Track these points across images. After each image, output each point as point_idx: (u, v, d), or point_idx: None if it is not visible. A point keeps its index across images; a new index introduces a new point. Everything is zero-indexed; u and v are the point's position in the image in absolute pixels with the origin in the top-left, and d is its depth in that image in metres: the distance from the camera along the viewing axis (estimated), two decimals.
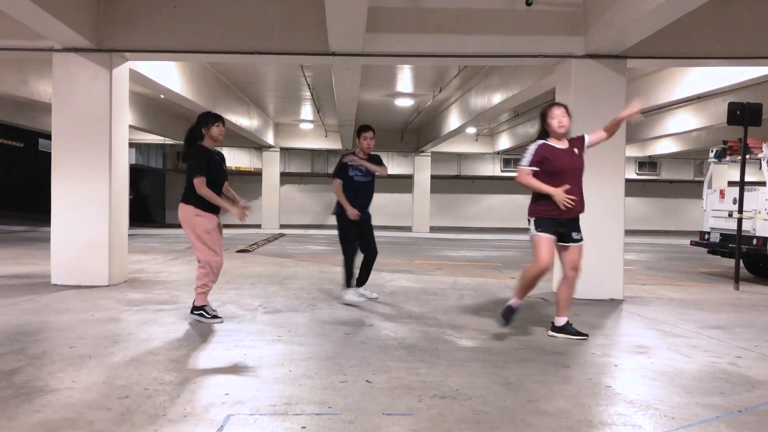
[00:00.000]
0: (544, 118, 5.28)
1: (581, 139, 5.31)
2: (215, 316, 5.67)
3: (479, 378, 4.00)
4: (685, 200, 29.40)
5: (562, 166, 5.09)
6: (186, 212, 5.55)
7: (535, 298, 7.43)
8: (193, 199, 5.51)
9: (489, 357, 4.57)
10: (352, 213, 6.68)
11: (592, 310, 6.73)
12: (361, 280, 7.04)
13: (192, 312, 5.67)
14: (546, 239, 5.08)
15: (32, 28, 7.02)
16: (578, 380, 4.02)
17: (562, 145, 5.20)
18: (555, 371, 4.22)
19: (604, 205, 7.65)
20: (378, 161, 7.11)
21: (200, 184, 5.43)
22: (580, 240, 5.20)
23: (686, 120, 15.72)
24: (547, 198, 5.05)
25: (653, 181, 27.79)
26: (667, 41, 7.54)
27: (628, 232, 8.14)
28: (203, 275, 5.59)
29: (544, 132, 5.27)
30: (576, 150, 5.22)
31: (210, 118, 5.71)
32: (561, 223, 5.10)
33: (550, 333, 5.30)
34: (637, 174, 26.34)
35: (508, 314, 5.26)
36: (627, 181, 7.89)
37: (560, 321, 5.28)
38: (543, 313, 6.51)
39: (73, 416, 3.17)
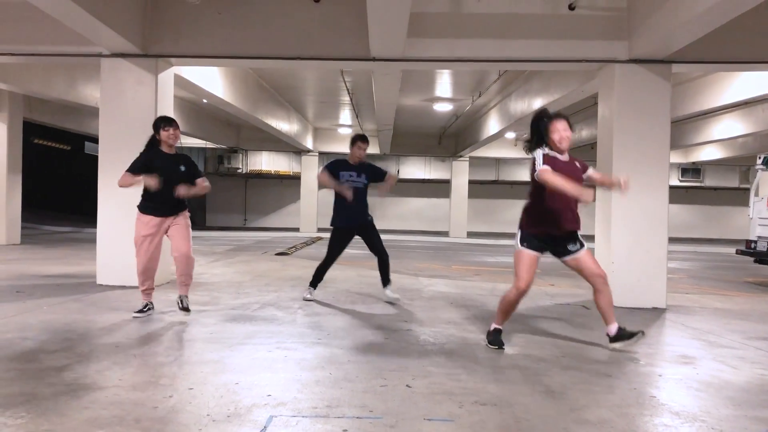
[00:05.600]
0: (545, 130, 4.88)
1: (583, 162, 5.00)
2: (141, 311, 5.95)
3: (520, 385, 3.97)
4: (730, 208, 28.70)
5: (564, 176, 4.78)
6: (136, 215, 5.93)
7: (575, 306, 7.36)
8: (141, 200, 5.91)
9: (530, 364, 4.53)
10: (349, 194, 6.77)
11: (635, 319, 6.61)
12: (384, 282, 7.19)
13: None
14: (529, 256, 4.87)
15: (83, 34, 7.23)
16: (622, 390, 3.96)
17: (564, 157, 4.91)
18: (597, 380, 4.16)
19: (647, 212, 7.53)
20: (378, 172, 7.21)
21: (121, 177, 5.78)
22: (580, 248, 4.92)
23: (732, 126, 15.38)
24: (543, 215, 4.83)
25: (697, 188, 27.22)
26: (713, 46, 7.38)
27: (671, 240, 7.98)
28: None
29: (542, 143, 4.88)
30: (578, 164, 4.93)
31: (160, 123, 5.91)
32: (553, 240, 4.89)
33: (611, 346, 5.03)
34: (680, 181, 25.82)
35: (496, 338, 5.05)
36: (670, 187, 7.75)
37: (612, 329, 5.03)
38: (582, 321, 6.43)
39: (121, 414, 3.24)
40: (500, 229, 28.29)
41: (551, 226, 4.86)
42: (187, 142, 22.13)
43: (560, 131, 4.85)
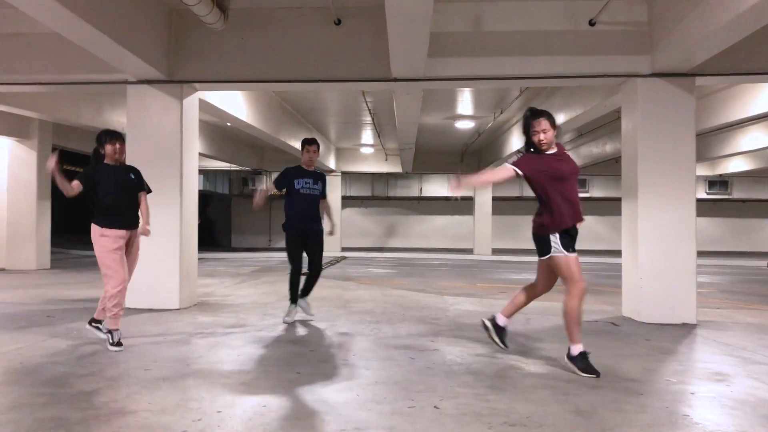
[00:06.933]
0: (526, 128, 4.91)
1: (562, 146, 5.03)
2: (117, 344, 5.47)
3: (549, 405, 3.92)
4: (759, 220, 28.25)
5: (563, 171, 4.82)
6: (92, 232, 5.54)
7: (604, 323, 7.26)
8: (96, 217, 5.53)
9: (558, 383, 4.47)
10: (258, 201, 6.93)
11: (664, 335, 6.51)
12: (305, 292, 7.23)
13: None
14: (576, 258, 4.82)
15: (109, 62, 7.38)
16: (653, 409, 3.89)
17: (552, 150, 4.91)
18: (628, 399, 4.09)
19: (675, 225, 7.44)
20: (323, 180, 7.27)
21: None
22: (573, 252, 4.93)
23: (759, 137, 15.16)
24: (561, 209, 4.77)
25: (725, 200, 26.84)
26: (737, 57, 7.33)
27: (699, 254, 7.85)
28: (107, 299, 5.51)
29: (529, 142, 4.95)
30: (566, 153, 4.98)
31: (104, 136, 5.65)
32: (572, 235, 4.85)
33: (484, 321, 5.40)
34: (708, 193, 25.48)
35: (584, 362, 4.80)
36: (697, 200, 7.65)
37: (502, 320, 5.31)
38: (611, 338, 6.35)
39: None
40: (525, 245, 28.03)
41: (571, 217, 4.82)
42: (212, 164, 22.40)
43: (542, 132, 4.83)
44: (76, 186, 5.44)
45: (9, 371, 4.69)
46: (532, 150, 4.97)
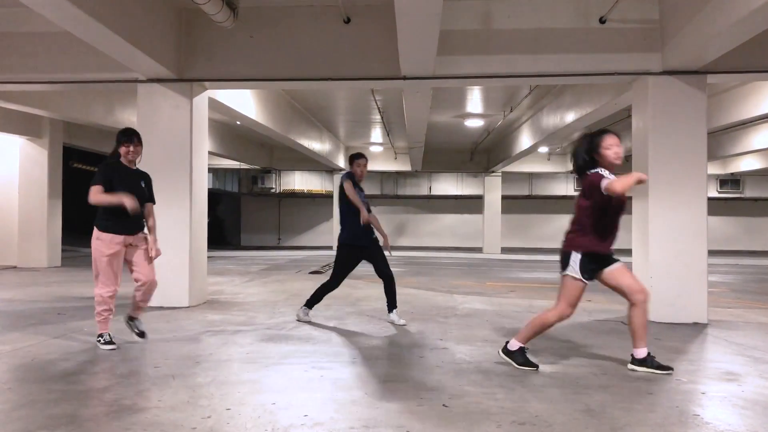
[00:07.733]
0: (595, 147, 4.68)
1: None
2: (108, 342, 5.42)
3: (559, 404, 3.91)
4: None
5: (621, 203, 4.64)
6: (93, 235, 5.43)
7: (614, 322, 7.23)
8: (96, 220, 5.43)
9: (568, 383, 4.46)
10: (365, 216, 6.58)
11: (675, 335, 6.48)
12: (391, 306, 6.98)
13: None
14: (583, 288, 4.71)
15: (120, 62, 7.41)
16: (664, 408, 3.87)
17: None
18: (638, 398, 4.07)
19: (686, 224, 7.39)
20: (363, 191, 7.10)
21: (92, 192, 5.29)
22: (618, 260, 4.84)
23: None
24: (600, 232, 4.66)
25: (736, 199, 26.65)
26: (749, 55, 7.26)
27: (711, 253, 7.80)
28: (96, 303, 5.42)
29: (592, 161, 4.70)
30: None
31: (120, 137, 5.52)
32: (603, 258, 4.76)
33: (630, 366, 4.87)
34: (719, 192, 25.32)
35: (523, 356, 4.88)
36: (708, 199, 7.59)
37: (641, 353, 4.85)
38: (621, 337, 6.31)
39: None
40: (535, 244, 28.03)
41: (609, 245, 4.74)
42: (222, 163, 22.48)
43: (614, 147, 4.66)
44: (100, 191, 5.35)
45: (21, 368, 4.72)
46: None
